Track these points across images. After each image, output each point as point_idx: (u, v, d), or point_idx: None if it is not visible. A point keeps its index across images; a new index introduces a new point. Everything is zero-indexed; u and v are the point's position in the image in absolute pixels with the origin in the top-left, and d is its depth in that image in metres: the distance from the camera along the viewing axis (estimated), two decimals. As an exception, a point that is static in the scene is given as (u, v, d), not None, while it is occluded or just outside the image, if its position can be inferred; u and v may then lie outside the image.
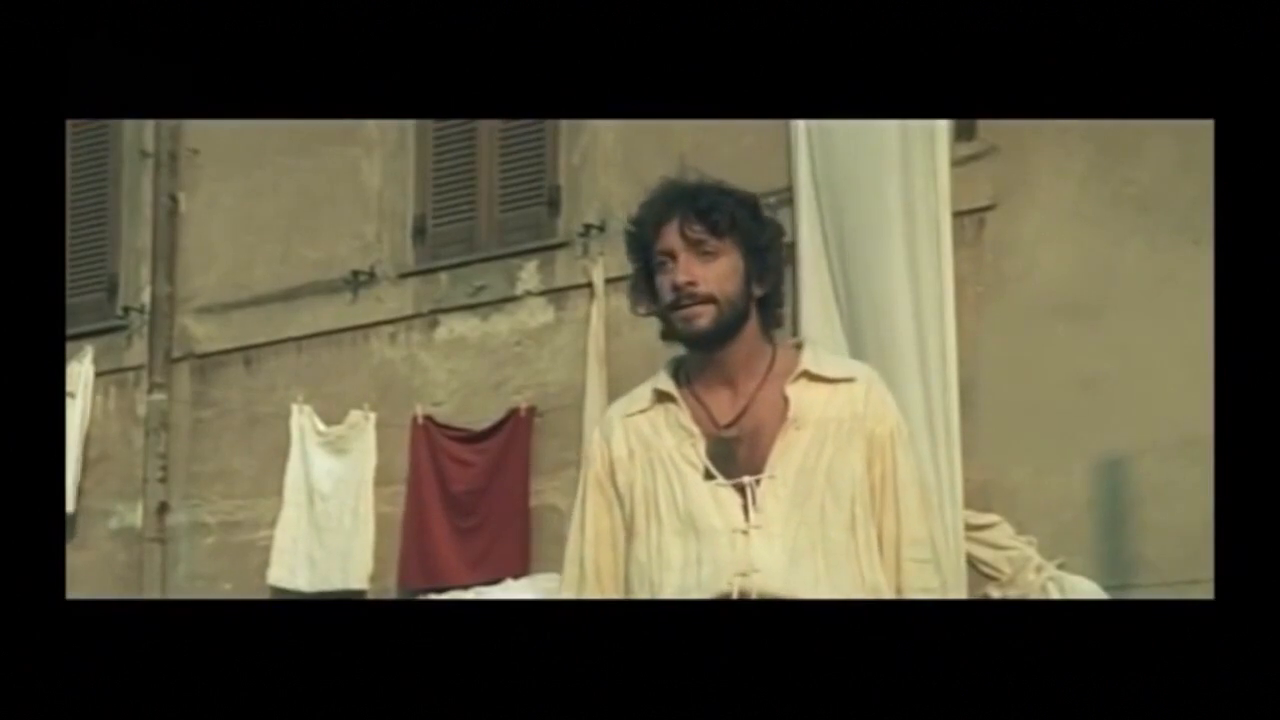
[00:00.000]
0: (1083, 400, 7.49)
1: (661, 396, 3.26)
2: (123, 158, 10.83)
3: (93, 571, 10.10)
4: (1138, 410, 7.36)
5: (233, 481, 10.16)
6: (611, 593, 3.24)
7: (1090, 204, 7.71)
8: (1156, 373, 7.31)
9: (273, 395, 10.00)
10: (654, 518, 3.17)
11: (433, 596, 8.56)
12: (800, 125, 7.90)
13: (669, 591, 3.12)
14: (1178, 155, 7.22)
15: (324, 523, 9.57)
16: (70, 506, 10.28)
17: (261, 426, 10.01)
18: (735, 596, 3.05)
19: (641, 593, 3.17)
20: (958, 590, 3.31)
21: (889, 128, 7.74)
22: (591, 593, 3.26)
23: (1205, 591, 3.10)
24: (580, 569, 3.28)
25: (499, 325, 9.41)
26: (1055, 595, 7.14)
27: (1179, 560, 6.88)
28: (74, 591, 4.31)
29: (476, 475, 9.20)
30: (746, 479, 3.12)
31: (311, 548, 9.58)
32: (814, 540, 3.09)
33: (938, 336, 7.65)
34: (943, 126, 7.75)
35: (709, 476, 3.14)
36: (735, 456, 3.15)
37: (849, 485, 3.14)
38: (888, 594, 3.13)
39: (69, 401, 10.21)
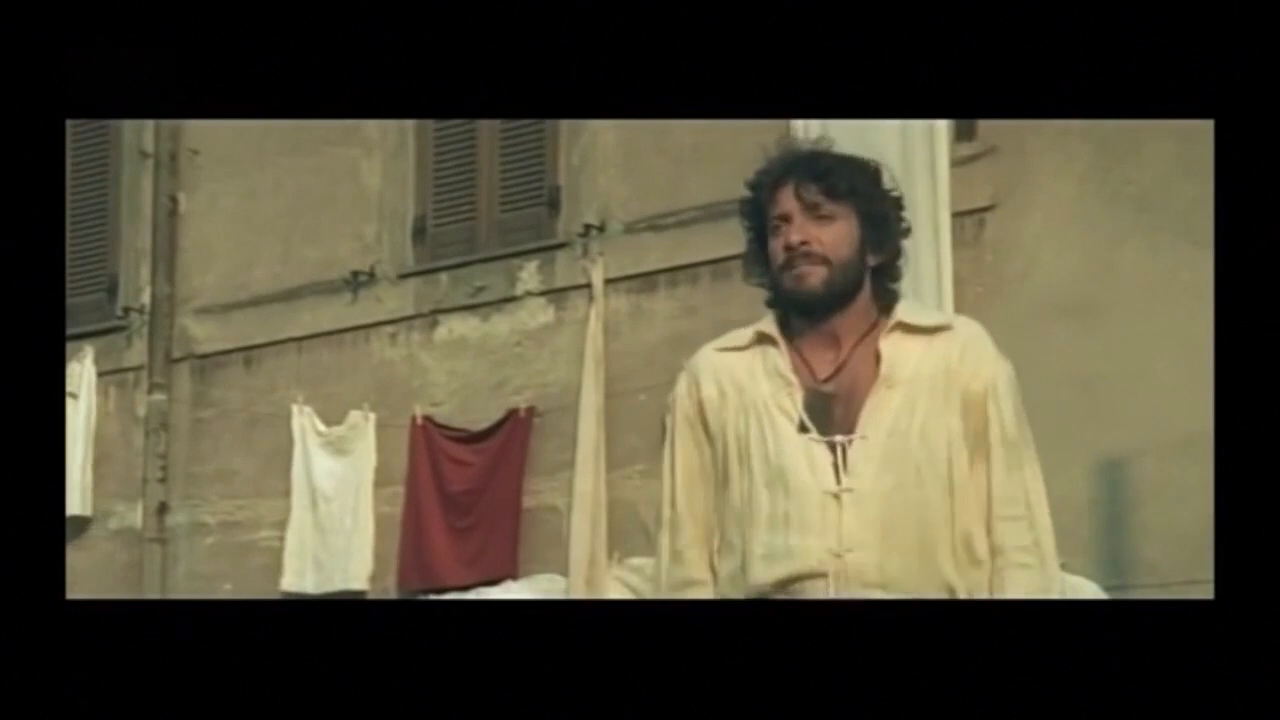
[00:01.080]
0: (1083, 401, 7.49)
1: (762, 338, 3.17)
2: (123, 158, 10.83)
3: (93, 572, 10.10)
4: (1138, 411, 7.36)
5: (232, 482, 10.16)
6: (704, 530, 3.17)
7: (1090, 204, 7.72)
8: (1156, 373, 7.31)
9: (273, 395, 10.01)
10: (745, 466, 3.10)
11: (432, 598, 8.56)
12: (800, 126, 7.90)
13: (757, 550, 3.05)
14: (1177, 156, 7.22)
15: (328, 524, 9.59)
16: (82, 509, 10.28)
17: (261, 427, 10.01)
18: (829, 578, 2.99)
19: (733, 544, 3.10)
20: (1051, 552, 3.21)
21: (889, 128, 7.73)
22: (685, 533, 3.18)
23: (1205, 592, 3.10)
24: (673, 509, 3.21)
25: (499, 326, 9.41)
26: (1055, 597, 7.13)
27: (1179, 561, 6.88)
28: (74, 592, 4.31)
29: (475, 475, 9.21)
30: (839, 438, 3.04)
31: (317, 550, 9.60)
32: (909, 505, 3.03)
33: (938, 337, 7.64)
34: (942, 127, 7.75)
35: (803, 430, 3.07)
36: (831, 413, 3.07)
37: (944, 445, 3.07)
38: (982, 553, 3.07)
39: (72, 403, 10.22)
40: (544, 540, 8.95)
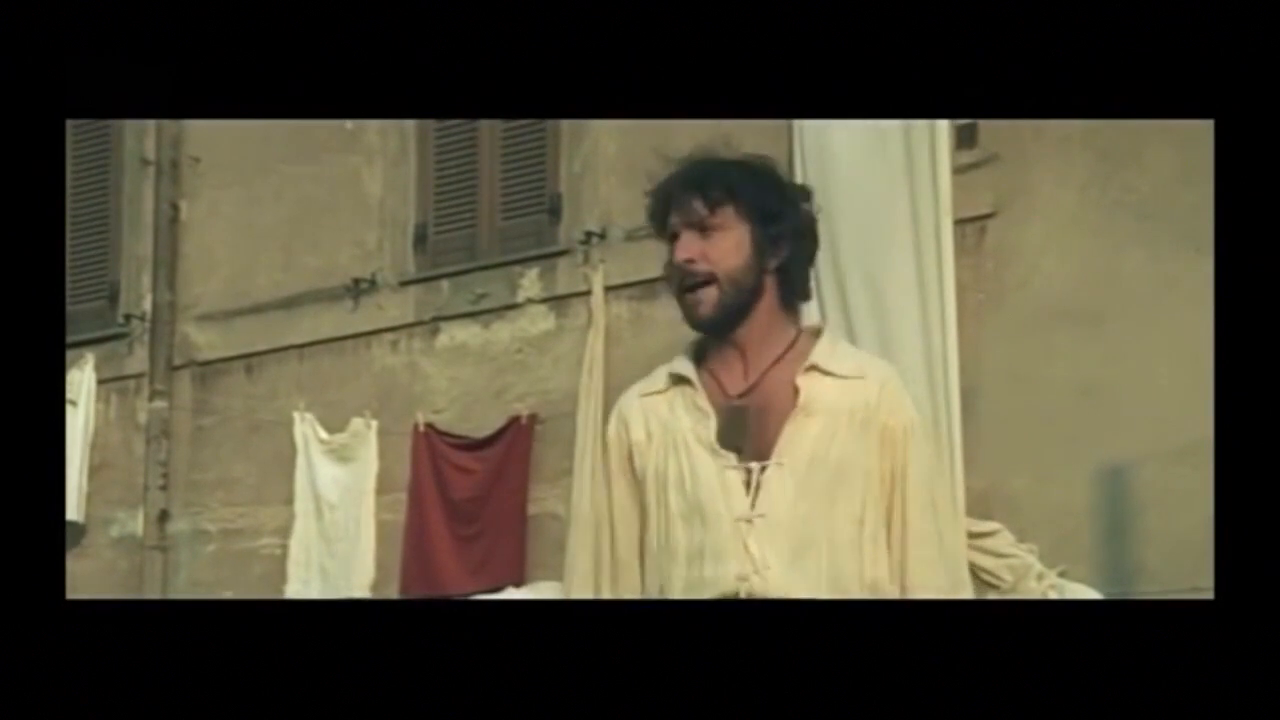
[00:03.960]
0: (1084, 407, 7.49)
1: (677, 380, 3.19)
2: (124, 165, 10.83)
3: (94, 579, 10.10)
4: (1139, 417, 7.35)
5: (234, 489, 10.16)
6: (635, 578, 3.19)
7: (1091, 212, 7.71)
8: (1157, 380, 7.31)
9: (274, 403, 10.01)
10: (663, 503, 3.11)
11: (429, 598, 8.56)
12: (802, 132, 7.91)
13: (677, 587, 3.07)
14: (1178, 163, 7.22)
15: (333, 532, 9.59)
16: (77, 515, 10.28)
17: (263, 434, 10.00)
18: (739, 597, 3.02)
19: (652, 586, 3.13)
20: (964, 591, 3.23)
21: (891, 135, 7.74)
22: (606, 580, 3.21)
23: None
24: (612, 552, 3.23)
25: (500, 333, 9.41)
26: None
27: (1180, 568, 6.87)
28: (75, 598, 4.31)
29: (477, 483, 9.20)
30: (753, 465, 3.05)
31: (322, 558, 9.59)
32: (819, 533, 3.03)
33: (939, 344, 7.64)
34: (944, 134, 7.75)
35: (716, 452, 3.07)
36: (746, 429, 3.08)
37: (860, 477, 3.07)
38: (890, 591, 3.09)
39: (71, 410, 10.22)
40: (547, 547, 8.94)
